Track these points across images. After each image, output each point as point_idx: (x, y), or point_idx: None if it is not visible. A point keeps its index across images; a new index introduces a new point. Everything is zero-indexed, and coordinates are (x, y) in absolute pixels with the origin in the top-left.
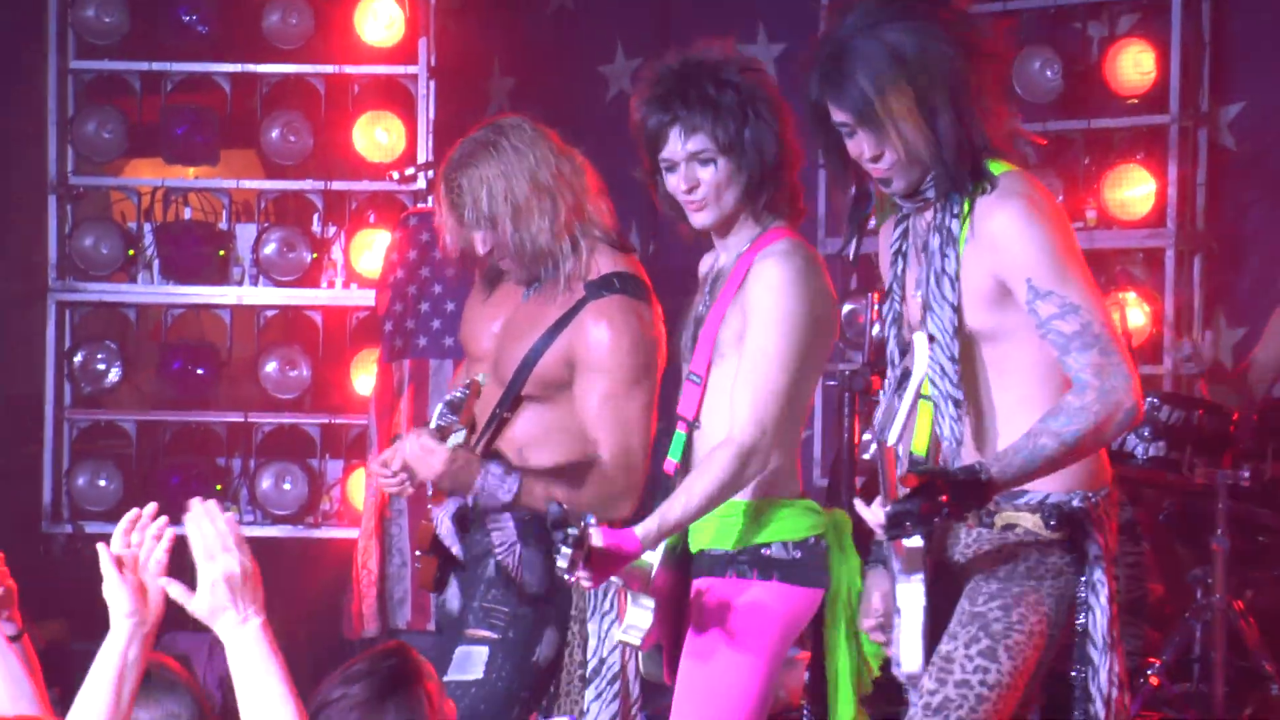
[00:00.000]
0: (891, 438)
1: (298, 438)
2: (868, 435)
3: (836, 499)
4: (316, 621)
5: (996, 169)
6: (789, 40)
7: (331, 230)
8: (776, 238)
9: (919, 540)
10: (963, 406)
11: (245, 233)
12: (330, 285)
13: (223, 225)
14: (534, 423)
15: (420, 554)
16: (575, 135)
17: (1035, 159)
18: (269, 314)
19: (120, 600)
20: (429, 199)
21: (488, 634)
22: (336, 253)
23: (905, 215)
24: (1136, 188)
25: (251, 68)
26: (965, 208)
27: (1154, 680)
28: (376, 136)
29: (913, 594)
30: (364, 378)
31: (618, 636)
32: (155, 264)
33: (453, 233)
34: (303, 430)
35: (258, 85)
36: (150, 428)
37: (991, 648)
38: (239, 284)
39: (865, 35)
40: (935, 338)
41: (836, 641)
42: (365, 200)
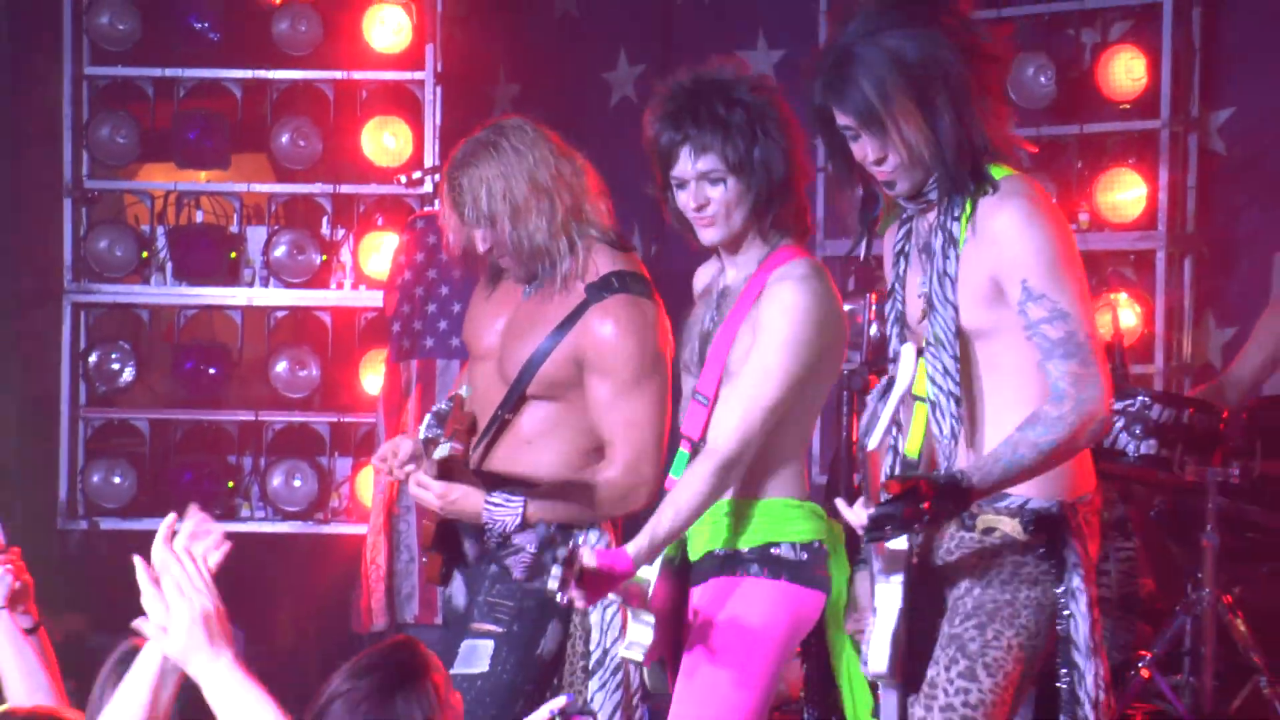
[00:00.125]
0: (873, 443)
1: (307, 436)
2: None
3: (835, 496)
4: (326, 616)
5: (998, 173)
6: (788, 46)
7: (340, 233)
8: (789, 258)
9: (903, 543)
10: (964, 405)
11: (256, 235)
12: (339, 287)
13: (234, 228)
14: (542, 418)
15: (426, 550)
16: (579, 140)
17: (1029, 163)
18: (279, 315)
19: (157, 610)
20: (436, 202)
21: (493, 628)
22: (345, 255)
23: (909, 217)
24: (1128, 191)
25: (262, 74)
26: (967, 209)
27: (1145, 673)
28: (384, 141)
29: (890, 595)
30: (372, 377)
31: (620, 653)
32: (168, 266)
33: (454, 230)
34: (312, 429)
35: (268, 91)
36: (163, 426)
37: (970, 668)
38: (250, 285)
39: (867, 42)
40: (937, 338)
41: (841, 642)
42: (373, 203)
